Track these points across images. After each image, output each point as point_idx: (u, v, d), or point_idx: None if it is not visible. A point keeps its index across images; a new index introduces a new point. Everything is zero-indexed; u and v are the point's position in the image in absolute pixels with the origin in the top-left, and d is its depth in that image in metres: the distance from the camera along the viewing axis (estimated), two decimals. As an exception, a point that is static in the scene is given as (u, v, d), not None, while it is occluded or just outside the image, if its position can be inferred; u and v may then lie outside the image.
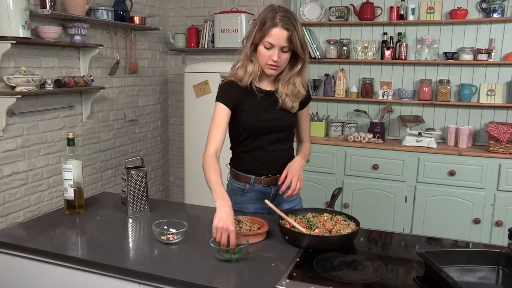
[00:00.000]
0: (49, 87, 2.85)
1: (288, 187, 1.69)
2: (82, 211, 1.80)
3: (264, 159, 1.81)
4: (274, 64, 1.66)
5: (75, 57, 3.18)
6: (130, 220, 1.74)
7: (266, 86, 1.78)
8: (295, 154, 1.91)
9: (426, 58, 3.50)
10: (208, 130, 1.72)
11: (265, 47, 1.64)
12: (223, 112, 1.72)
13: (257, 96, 1.74)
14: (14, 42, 2.50)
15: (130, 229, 1.68)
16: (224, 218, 1.40)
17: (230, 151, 1.91)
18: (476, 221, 3.12)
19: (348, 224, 1.56)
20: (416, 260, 1.37)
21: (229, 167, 1.91)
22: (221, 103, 1.72)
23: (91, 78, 3.17)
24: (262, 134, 1.78)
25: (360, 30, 3.70)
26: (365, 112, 3.67)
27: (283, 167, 1.79)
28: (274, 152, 1.81)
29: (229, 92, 1.73)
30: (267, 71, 1.70)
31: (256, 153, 1.80)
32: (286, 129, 1.83)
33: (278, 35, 1.61)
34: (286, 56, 1.67)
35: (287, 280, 1.23)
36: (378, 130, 3.52)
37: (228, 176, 1.93)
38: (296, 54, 1.69)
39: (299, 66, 1.72)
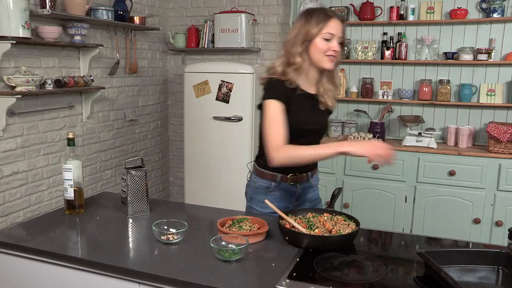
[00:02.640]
0: (49, 87, 2.85)
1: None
2: (82, 211, 1.80)
3: None
4: (333, 54, 1.68)
5: (75, 57, 3.18)
6: (130, 220, 1.74)
7: (308, 89, 1.77)
8: None
9: (426, 58, 3.50)
10: (264, 130, 1.65)
11: (325, 39, 1.66)
12: (279, 108, 1.65)
13: (302, 98, 1.73)
14: (14, 42, 2.50)
15: (130, 229, 1.68)
16: (366, 144, 1.50)
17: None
18: (476, 221, 3.12)
19: (348, 224, 1.56)
20: (416, 260, 1.37)
21: (253, 164, 1.90)
22: (275, 100, 1.66)
23: (91, 78, 3.17)
24: (301, 136, 1.78)
25: (360, 30, 3.70)
26: (365, 112, 3.67)
27: (308, 165, 1.85)
28: None
29: (281, 89, 1.69)
30: (326, 64, 1.69)
31: None
32: (322, 132, 1.88)
33: (336, 25, 1.68)
34: (340, 48, 1.71)
35: (287, 280, 1.23)
36: (378, 130, 3.52)
37: (250, 174, 1.93)
38: None
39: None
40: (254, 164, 1.91)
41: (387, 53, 3.52)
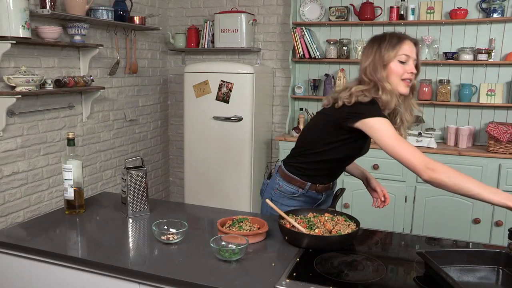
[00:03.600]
0: (49, 87, 2.85)
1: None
2: (82, 211, 1.80)
3: (333, 173, 1.84)
4: (410, 77, 1.64)
5: (75, 57, 3.18)
6: (130, 220, 1.74)
7: None
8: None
9: (426, 58, 3.50)
10: (393, 147, 1.52)
11: (400, 61, 1.62)
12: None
13: None
14: (14, 42, 2.50)
15: (130, 229, 1.68)
16: None
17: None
18: (476, 221, 3.12)
19: (349, 225, 1.56)
20: (416, 260, 1.37)
21: (280, 166, 1.85)
22: (387, 119, 1.57)
23: (91, 78, 3.17)
24: (349, 161, 1.85)
25: (360, 30, 3.70)
26: (365, 112, 3.67)
27: (337, 175, 1.88)
28: (345, 168, 1.90)
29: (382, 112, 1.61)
30: (402, 89, 1.64)
31: (331, 169, 1.81)
32: None
33: (410, 46, 1.64)
34: (416, 71, 1.66)
35: (287, 280, 1.23)
36: (378, 130, 3.52)
37: (270, 174, 1.91)
38: None
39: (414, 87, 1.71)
40: (281, 166, 1.85)
41: (387, 53, 3.52)
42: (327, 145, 1.69)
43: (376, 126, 1.54)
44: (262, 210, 1.88)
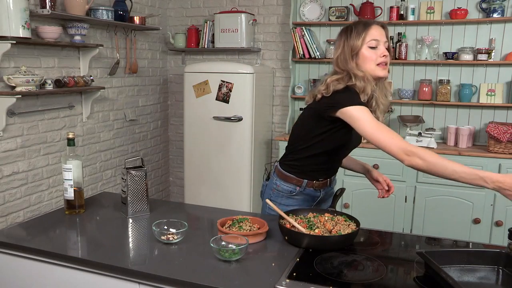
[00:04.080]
0: (49, 87, 2.86)
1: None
2: (82, 211, 1.80)
3: (328, 168, 1.83)
4: (385, 61, 1.64)
5: (75, 57, 3.18)
6: (130, 220, 1.74)
7: None
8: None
9: (426, 58, 3.50)
10: (372, 134, 1.53)
11: (371, 47, 1.63)
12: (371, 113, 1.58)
13: None
14: (14, 42, 2.50)
15: (130, 229, 1.68)
16: None
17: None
18: (476, 221, 3.12)
19: (349, 225, 1.55)
20: (416, 260, 1.37)
21: (276, 166, 1.87)
22: (364, 107, 1.57)
23: (91, 78, 3.17)
24: (343, 152, 1.82)
25: (360, 30, 3.69)
26: (365, 112, 3.67)
27: (334, 171, 1.88)
28: (340, 162, 1.89)
29: (360, 99, 1.61)
30: (380, 72, 1.65)
31: (324, 164, 1.79)
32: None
33: (378, 30, 1.65)
34: (388, 53, 1.67)
35: (287, 280, 1.23)
36: (378, 130, 3.52)
37: (269, 175, 1.92)
38: None
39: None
40: (277, 166, 1.86)
41: (387, 53, 3.52)
42: (313, 139, 1.71)
43: (354, 115, 1.55)
44: (262, 212, 1.88)
